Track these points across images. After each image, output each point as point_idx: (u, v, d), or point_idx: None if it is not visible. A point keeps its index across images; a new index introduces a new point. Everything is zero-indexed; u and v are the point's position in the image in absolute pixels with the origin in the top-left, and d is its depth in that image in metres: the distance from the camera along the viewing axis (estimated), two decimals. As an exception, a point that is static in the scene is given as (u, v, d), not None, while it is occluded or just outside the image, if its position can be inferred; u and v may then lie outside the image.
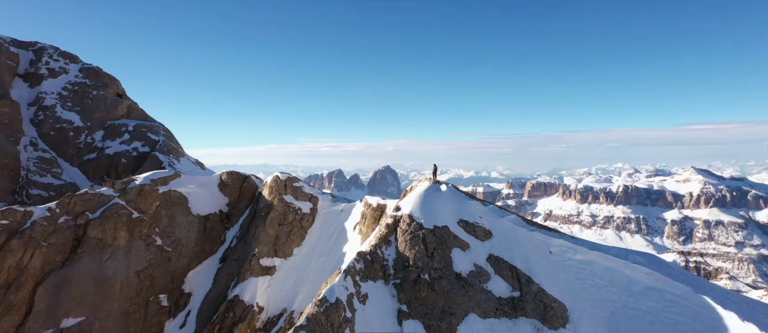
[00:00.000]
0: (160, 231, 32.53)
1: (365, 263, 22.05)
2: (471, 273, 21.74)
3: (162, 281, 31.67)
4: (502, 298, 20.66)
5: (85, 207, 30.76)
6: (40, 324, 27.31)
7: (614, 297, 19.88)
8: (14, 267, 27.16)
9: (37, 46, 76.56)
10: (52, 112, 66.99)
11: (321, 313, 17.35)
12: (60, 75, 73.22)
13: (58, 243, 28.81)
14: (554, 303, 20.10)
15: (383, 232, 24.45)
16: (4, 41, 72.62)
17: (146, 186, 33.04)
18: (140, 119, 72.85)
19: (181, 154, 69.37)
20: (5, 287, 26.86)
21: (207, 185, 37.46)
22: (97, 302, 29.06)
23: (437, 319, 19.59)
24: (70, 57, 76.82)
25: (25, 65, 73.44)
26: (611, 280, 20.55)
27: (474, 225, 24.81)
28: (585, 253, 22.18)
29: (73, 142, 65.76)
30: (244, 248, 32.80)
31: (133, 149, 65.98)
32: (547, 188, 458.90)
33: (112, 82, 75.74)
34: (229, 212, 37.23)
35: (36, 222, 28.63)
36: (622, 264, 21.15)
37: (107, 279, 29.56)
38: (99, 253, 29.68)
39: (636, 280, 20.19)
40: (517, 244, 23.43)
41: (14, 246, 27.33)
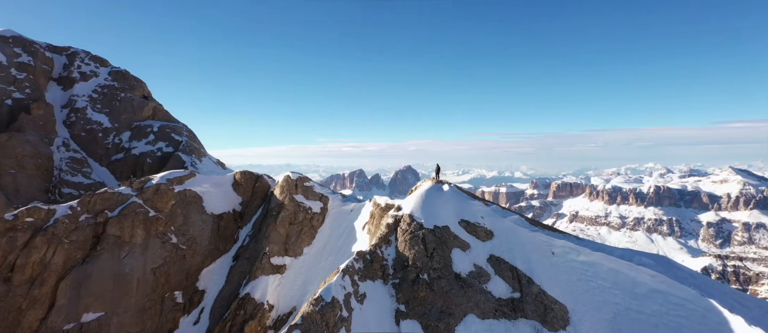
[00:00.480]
0: (175, 229, 33.41)
1: (364, 263, 22.00)
2: (471, 273, 21.47)
3: (177, 278, 32.50)
4: (502, 299, 20.39)
5: (104, 205, 31.93)
6: (62, 318, 28.48)
7: (617, 299, 19.41)
8: (38, 263, 28.44)
9: (70, 51, 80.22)
10: (83, 114, 69.99)
11: (316, 312, 17.40)
12: (91, 78, 76.45)
13: (79, 240, 29.99)
14: (555, 304, 19.71)
15: (384, 232, 24.37)
16: (40, 47, 76.43)
17: (162, 185, 33.99)
18: (165, 120, 75.17)
19: (203, 154, 71.16)
20: (30, 282, 28.16)
21: (221, 185, 38.24)
22: (116, 298, 30.07)
23: (435, 319, 19.46)
24: (100, 61, 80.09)
25: (59, 69, 77.11)
26: (615, 281, 20.08)
27: (475, 225, 24.48)
28: (588, 254, 21.68)
29: (102, 142, 68.53)
30: (255, 247, 33.29)
31: (158, 149, 68.11)
32: (572, 189, 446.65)
33: (139, 85, 78.49)
34: (243, 211, 37.91)
35: (58, 220, 29.91)
36: (627, 266, 20.60)
37: (125, 275, 30.55)
38: (117, 251, 30.71)
39: (640, 282, 19.64)
40: (518, 245, 23.08)
41: (38, 242, 28.63)
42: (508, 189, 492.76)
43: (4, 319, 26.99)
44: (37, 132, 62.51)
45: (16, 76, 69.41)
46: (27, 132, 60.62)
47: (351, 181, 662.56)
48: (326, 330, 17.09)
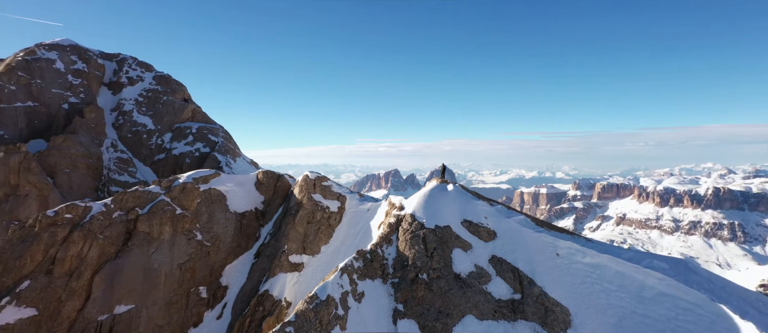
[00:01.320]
0: (200, 227, 34.73)
1: (365, 262, 22.04)
2: (471, 274, 21.16)
3: (201, 274, 33.74)
4: (502, 300, 20.04)
5: (135, 203, 33.73)
6: (96, 310, 30.34)
7: (623, 303, 18.74)
8: (76, 256, 30.46)
9: (120, 57, 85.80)
10: (130, 117, 74.60)
11: (310, 309, 17.65)
12: (137, 83, 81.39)
13: (112, 236, 31.84)
14: (556, 307, 19.16)
15: (385, 232, 24.44)
16: (93, 54, 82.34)
17: (188, 184, 35.44)
18: (203, 122, 78.60)
19: (238, 155, 73.68)
20: (68, 274, 30.22)
21: (244, 184, 39.35)
22: (145, 291, 31.65)
23: (433, 319, 19.30)
24: (145, 66, 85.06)
25: (109, 75, 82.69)
26: (621, 284, 19.38)
27: (478, 225, 24.03)
28: (594, 256, 20.98)
29: (146, 143, 72.72)
30: (275, 245, 33.98)
31: (196, 150, 71.31)
32: (619, 190, 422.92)
33: (180, 88, 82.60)
34: (264, 210, 38.82)
35: (94, 216, 31.91)
36: (634, 268, 19.84)
37: (153, 270, 32.09)
38: (147, 246, 32.32)
39: (648, 285, 18.88)
40: (522, 246, 22.56)
41: (76, 237, 30.67)
42: (549, 190, 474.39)
43: (46, 308, 29.13)
44: (88, 134, 67.36)
45: (72, 81, 75.24)
46: (80, 134, 65.44)
47: (386, 181, 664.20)
48: (320, 327, 17.25)
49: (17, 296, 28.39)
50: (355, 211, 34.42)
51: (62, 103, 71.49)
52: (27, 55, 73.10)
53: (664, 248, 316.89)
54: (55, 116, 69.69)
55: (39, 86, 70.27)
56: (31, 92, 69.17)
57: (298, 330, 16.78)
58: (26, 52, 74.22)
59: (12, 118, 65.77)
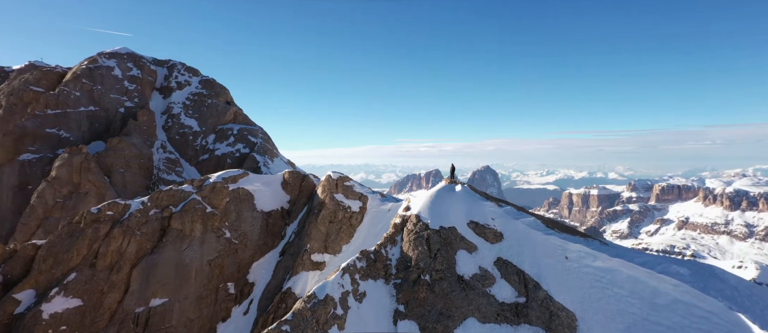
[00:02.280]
0: (228, 225, 35.94)
1: (368, 262, 21.97)
2: (474, 276, 20.70)
3: (229, 270, 34.89)
4: (506, 303, 19.48)
5: (169, 201, 35.51)
6: (134, 302, 32.26)
7: (634, 309, 17.77)
8: (116, 251, 32.56)
9: (170, 63, 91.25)
10: (178, 119, 79.08)
11: (307, 308, 17.84)
12: (185, 87, 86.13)
13: (148, 232, 33.72)
14: (562, 311, 18.42)
15: (390, 232, 24.28)
16: (146, 61, 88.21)
17: (218, 184, 36.81)
18: (243, 123, 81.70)
19: (275, 155, 75.88)
20: (109, 268, 32.36)
21: (271, 184, 40.28)
22: (177, 286, 33.21)
23: (434, 321, 18.99)
24: (192, 71, 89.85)
25: (161, 80, 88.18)
26: (633, 290, 18.42)
27: (484, 227, 23.46)
28: (606, 260, 20.13)
29: (192, 144, 76.74)
30: (298, 243, 34.49)
31: (237, 150, 74.25)
32: (681, 192, 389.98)
33: (223, 91, 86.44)
34: (290, 209, 39.50)
35: (132, 213, 33.97)
36: (647, 273, 18.89)
37: (185, 266, 33.61)
38: (179, 243, 33.91)
39: (662, 292, 17.89)
40: (529, 248, 21.89)
41: (116, 233, 32.78)
42: (600, 191, 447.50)
43: (89, 299, 31.37)
44: (141, 136, 72.19)
45: (128, 87, 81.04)
46: (133, 136, 70.30)
47: (427, 181, 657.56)
48: (316, 327, 17.37)
49: (65, 287, 30.80)
50: (376, 211, 34.14)
51: (119, 107, 77.19)
52: (90, 64, 79.72)
53: (735, 255, 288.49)
54: (112, 119, 75.39)
55: (99, 92, 76.35)
56: (92, 97, 75.31)
57: (295, 328, 16.99)
58: (89, 60, 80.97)
59: (76, 121, 71.92)
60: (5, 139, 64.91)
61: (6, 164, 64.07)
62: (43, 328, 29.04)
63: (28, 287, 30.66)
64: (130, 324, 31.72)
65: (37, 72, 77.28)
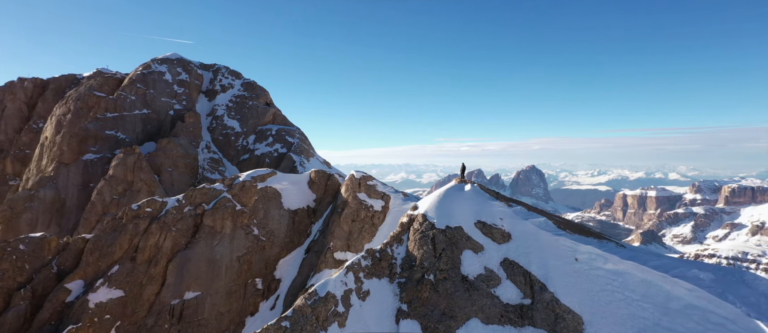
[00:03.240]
0: (257, 222, 36.99)
1: (373, 260, 22.13)
2: (479, 276, 20.46)
3: (257, 267, 35.90)
4: (510, 304, 19.21)
5: (202, 199, 37.12)
6: (170, 294, 34.03)
7: (646, 313, 17.12)
8: (154, 246, 34.52)
9: (215, 67, 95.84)
10: (221, 121, 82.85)
11: (307, 305, 18.26)
12: (228, 90, 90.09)
13: (183, 228, 35.44)
14: (568, 314, 17.92)
15: (397, 231, 24.30)
16: (194, 66, 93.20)
17: (247, 182, 37.98)
18: (282, 124, 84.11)
19: (311, 155, 77.39)
20: (148, 262, 34.36)
21: (298, 183, 40.97)
22: (209, 280, 34.64)
23: (436, 320, 18.94)
24: (235, 74, 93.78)
25: (206, 83, 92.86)
26: (645, 294, 17.73)
27: (491, 227, 23.05)
28: (617, 262, 19.40)
29: (234, 145, 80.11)
30: (322, 241, 34.88)
31: (275, 150, 76.55)
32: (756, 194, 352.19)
33: (263, 93, 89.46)
34: (316, 207, 39.99)
35: (169, 210, 35.86)
36: (660, 277, 18.03)
37: (216, 261, 34.99)
38: (211, 239, 35.36)
39: (676, 296, 17.13)
40: (537, 249, 21.40)
41: (154, 229, 34.75)
42: (659, 192, 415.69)
43: (130, 290, 33.49)
44: (188, 137, 76.42)
45: (176, 91, 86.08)
46: (181, 137, 74.57)
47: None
48: (316, 323, 17.80)
49: (109, 279, 33.10)
50: (398, 211, 33.70)
51: (169, 110, 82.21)
52: (144, 69, 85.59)
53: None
54: (163, 121, 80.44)
55: (152, 95, 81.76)
56: (145, 101, 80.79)
57: (294, 325, 17.46)
58: (144, 66, 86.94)
59: (131, 123, 77.47)
60: (72, 140, 71.11)
61: (72, 164, 70.18)
62: (90, 317, 31.36)
63: (78, 278, 33.27)
64: (167, 315, 33.51)
65: (100, 78, 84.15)
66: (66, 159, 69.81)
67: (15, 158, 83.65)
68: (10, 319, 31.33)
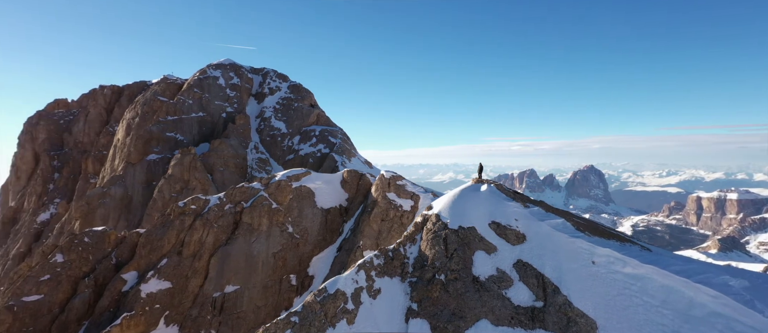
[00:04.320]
0: (291, 220, 38.09)
1: (385, 259, 22.27)
2: (491, 278, 20.23)
3: (292, 263, 36.97)
4: (521, 306, 18.87)
5: (241, 197, 38.87)
6: (212, 287, 36.02)
7: (665, 320, 16.41)
8: (197, 241, 36.71)
9: (264, 71, 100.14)
10: (268, 122, 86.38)
11: (316, 302, 18.82)
12: (276, 92, 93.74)
13: (223, 225, 37.36)
14: (581, 318, 17.38)
15: (411, 231, 24.32)
16: (245, 70, 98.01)
17: (282, 182, 39.22)
18: (325, 125, 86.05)
19: (353, 155, 78.45)
20: (193, 256, 36.61)
21: (331, 182, 41.62)
22: (247, 275, 36.23)
23: (445, 320, 18.91)
24: (282, 77, 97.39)
25: (256, 86, 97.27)
26: (665, 300, 16.91)
27: (506, 227, 22.66)
28: (637, 266, 18.55)
29: (280, 145, 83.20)
30: (353, 240, 35.23)
31: (318, 150, 78.50)
32: None
33: (308, 95, 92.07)
34: (348, 207, 40.40)
35: (211, 208, 37.95)
36: (682, 283, 17.19)
37: (253, 257, 36.49)
38: (249, 236, 36.94)
39: (699, 303, 16.24)
40: (552, 251, 20.87)
41: (198, 225, 36.96)
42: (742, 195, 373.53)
43: (177, 282, 35.88)
44: (238, 138, 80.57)
45: (229, 94, 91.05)
46: (231, 138, 78.79)
47: (520, 181, 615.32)
48: (325, 320, 18.30)
49: (158, 271, 35.69)
50: (426, 211, 33.14)
51: (222, 113, 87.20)
52: (200, 75, 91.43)
53: None
54: (216, 123, 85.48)
55: (207, 99, 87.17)
56: (201, 104, 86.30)
57: (303, 320, 18.09)
58: (200, 72, 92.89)
59: (189, 126, 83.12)
60: (138, 142, 77.64)
61: (137, 164, 76.59)
62: (141, 305, 34.01)
63: (132, 269, 36.24)
64: (209, 307, 35.50)
65: (163, 84, 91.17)
66: (133, 159, 76.35)
67: (95, 158, 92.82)
68: (77, 304, 34.83)
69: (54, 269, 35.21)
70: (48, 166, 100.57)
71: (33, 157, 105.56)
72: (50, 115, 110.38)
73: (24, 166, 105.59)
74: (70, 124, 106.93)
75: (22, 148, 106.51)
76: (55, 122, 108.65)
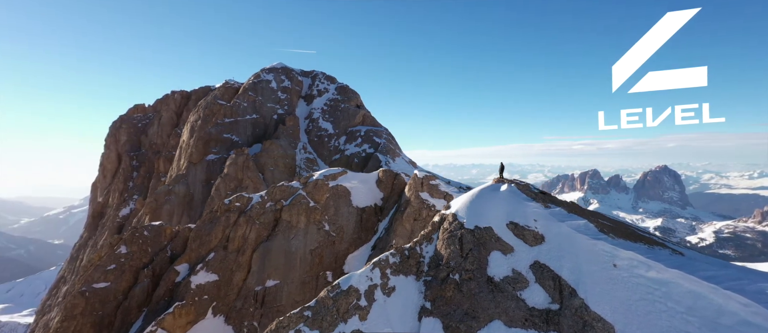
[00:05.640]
0: (328, 218, 38.89)
1: (401, 258, 22.36)
2: (506, 278, 19.90)
3: (328, 260, 37.76)
4: (536, 308, 18.42)
5: (281, 196, 40.36)
6: (254, 281, 37.83)
7: (691, 328, 15.61)
8: (241, 237, 38.72)
9: (313, 73, 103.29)
10: (316, 123, 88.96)
11: (329, 297, 19.51)
12: (324, 94, 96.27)
13: (265, 222, 39.05)
14: (597, 322, 16.76)
15: (428, 230, 24.20)
16: (295, 73, 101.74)
17: (320, 181, 40.15)
18: (370, 125, 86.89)
19: (397, 155, 78.49)
20: (237, 251, 38.68)
21: (367, 181, 41.86)
22: (286, 271, 37.59)
23: (458, 320, 18.84)
24: (330, 79, 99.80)
25: (305, 89, 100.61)
26: (691, 307, 16.11)
27: (524, 228, 22.13)
28: (662, 270, 17.67)
29: (327, 145, 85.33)
30: (386, 239, 35.29)
31: (363, 150, 79.50)
32: None
33: (354, 96, 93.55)
34: (383, 206, 40.41)
35: (253, 205, 39.83)
36: (711, 289, 16.58)
37: (292, 253, 37.78)
38: (288, 232, 38.30)
39: (728, 311, 15.56)
40: (570, 253, 20.22)
41: (242, 222, 38.99)
42: None
43: (223, 275, 38.10)
44: (287, 139, 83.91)
45: (280, 96, 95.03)
46: (281, 139, 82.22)
47: (582, 182, 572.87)
48: (337, 315, 18.89)
49: (206, 264, 38.14)
50: (459, 211, 32.26)
51: (273, 115, 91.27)
52: (254, 79, 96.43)
53: None
54: (268, 125, 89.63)
55: (260, 102, 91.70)
56: (255, 107, 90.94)
57: (315, 314, 18.83)
58: (254, 76, 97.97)
59: (243, 127, 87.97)
60: (198, 143, 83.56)
61: (198, 163, 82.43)
62: (191, 296, 36.55)
63: (184, 261, 39.09)
64: (251, 300, 37.33)
65: (223, 88, 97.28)
66: (194, 159, 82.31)
67: (165, 158, 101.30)
68: (137, 292, 38.27)
69: (118, 260, 39.03)
70: (128, 166, 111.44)
71: (116, 157, 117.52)
72: (130, 118, 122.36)
73: (109, 165, 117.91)
74: (146, 127, 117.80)
75: (108, 149, 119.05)
76: (134, 125, 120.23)
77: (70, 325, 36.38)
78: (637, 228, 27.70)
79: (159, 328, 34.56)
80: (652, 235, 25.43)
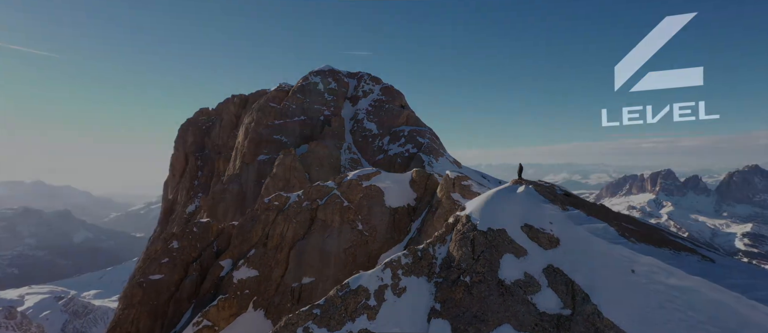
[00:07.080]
0: (361, 218, 39.08)
1: (413, 258, 22.33)
2: (517, 282, 19.36)
3: (361, 259, 37.95)
4: (547, 313, 17.89)
5: (317, 195, 41.22)
6: (291, 278, 39.03)
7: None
8: (279, 235, 40.12)
9: (359, 75, 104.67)
10: (361, 124, 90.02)
11: (338, 296, 19.85)
12: (369, 95, 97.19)
13: (301, 220, 40.13)
14: (610, 330, 16.19)
15: (442, 231, 23.95)
16: (342, 75, 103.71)
17: (353, 181, 40.45)
18: (414, 125, 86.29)
19: (440, 154, 77.28)
20: (275, 248, 40.13)
21: (401, 182, 41.44)
22: (320, 268, 38.36)
23: (467, 323, 18.64)
24: (375, 80, 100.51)
25: (351, 90, 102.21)
26: (713, 316, 15.43)
27: (538, 231, 21.48)
28: (683, 277, 16.89)
29: (371, 146, 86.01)
30: (418, 239, 34.72)
31: (406, 150, 79.19)
32: None
33: (398, 96, 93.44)
34: (415, 206, 39.76)
35: (291, 204, 41.08)
36: (734, 298, 15.85)
37: (326, 252, 38.45)
38: (322, 232, 39.05)
39: (754, 322, 14.64)
40: (586, 257, 19.58)
41: (280, 220, 40.40)
42: None
43: (263, 271, 39.72)
44: (333, 139, 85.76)
45: (327, 98, 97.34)
46: (327, 139, 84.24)
47: (653, 183, 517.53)
48: (345, 314, 19.17)
49: (248, 260, 39.99)
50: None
51: (320, 116, 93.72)
52: (303, 82, 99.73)
53: None
54: (315, 126, 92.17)
55: (307, 104, 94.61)
56: (303, 108, 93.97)
57: (324, 313, 19.18)
58: (303, 79, 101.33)
59: (292, 129, 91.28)
60: (251, 144, 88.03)
61: (251, 163, 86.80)
62: (233, 290, 38.50)
63: (228, 257, 41.31)
64: (289, 296, 38.57)
65: (275, 91, 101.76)
66: (247, 159, 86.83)
67: (224, 159, 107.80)
68: (187, 285, 41.04)
69: (171, 253, 42.16)
70: (194, 166, 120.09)
71: (184, 157, 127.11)
72: (196, 121, 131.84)
73: (177, 165, 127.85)
74: (209, 129, 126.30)
75: (176, 150, 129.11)
76: (199, 128, 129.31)
77: (129, 313, 39.87)
78: (668, 233, 25.92)
79: (204, 319, 36.80)
80: (684, 240, 23.27)
